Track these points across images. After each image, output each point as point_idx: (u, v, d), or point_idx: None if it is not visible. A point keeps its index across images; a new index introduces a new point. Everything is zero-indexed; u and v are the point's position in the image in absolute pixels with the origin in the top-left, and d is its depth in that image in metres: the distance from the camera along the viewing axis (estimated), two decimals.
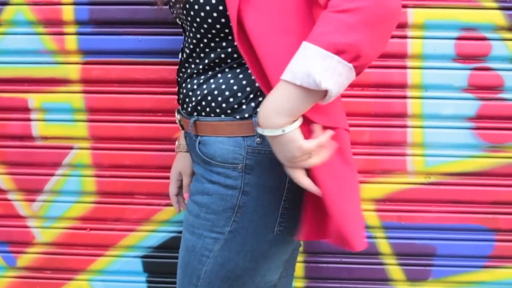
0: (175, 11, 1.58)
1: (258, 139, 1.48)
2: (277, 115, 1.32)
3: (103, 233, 2.47)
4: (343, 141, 1.49)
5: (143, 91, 2.31)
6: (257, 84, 1.47)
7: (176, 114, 1.73)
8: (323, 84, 1.25)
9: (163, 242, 2.45)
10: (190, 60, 1.58)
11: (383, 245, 2.40)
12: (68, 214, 2.46)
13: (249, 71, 1.47)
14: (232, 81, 1.51)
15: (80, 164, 2.40)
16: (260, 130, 1.35)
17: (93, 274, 2.52)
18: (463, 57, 2.23)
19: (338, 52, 1.24)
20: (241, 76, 1.50)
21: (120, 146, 2.37)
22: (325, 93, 1.30)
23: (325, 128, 1.41)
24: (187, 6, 1.48)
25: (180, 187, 1.97)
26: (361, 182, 2.33)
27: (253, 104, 1.50)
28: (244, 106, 1.50)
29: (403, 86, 2.25)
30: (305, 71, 1.25)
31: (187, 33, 1.57)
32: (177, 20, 1.61)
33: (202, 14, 1.44)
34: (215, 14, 1.43)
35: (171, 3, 1.58)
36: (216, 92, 1.52)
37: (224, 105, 1.51)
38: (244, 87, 1.50)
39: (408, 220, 2.36)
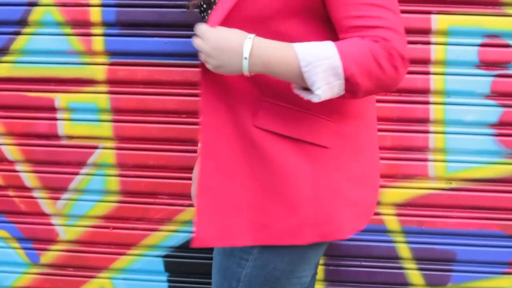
0: (206, 16, 1.60)
1: None
2: (262, 67, 1.37)
3: (125, 232, 2.49)
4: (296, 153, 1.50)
5: (167, 92, 2.34)
6: None
7: None
8: (317, 92, 1.32)
9: (184, 242, 2.48)
10: None
11: (403, 250, 2.40)
12: (91, 213, 2.49)
13: None
14: None
15: (104, 164, 2.43)
16: (245, 57, 1.36)
17: (115, 272, 2.55)
18: (486, 64, 2.23)
19: (346, 78, 1.31)
20: None
21: (144, 146, 2.40)
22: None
23: (285, 137, 1.48)
24: None
25: None
26: (383, 187, 2.34)
27: None
28: None
29: (426, 91, 2.26)
30: (315, 70, 1.31)
31: None
32: None
33: None
34: None
35: (202, 8, 1.60)
36: None
37: None
38: None
39: (428, 225, 2.37)
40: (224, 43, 1.37)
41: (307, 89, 1.37)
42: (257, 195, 1.51)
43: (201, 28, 1.41)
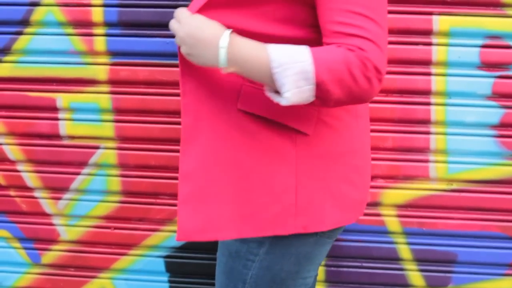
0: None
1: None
2: (235, 65, 1.35)
3: (126, 232, 2.49)
4: (274, 136, 1.48)
5: (169, 92, 2.34)
6: None
7: None
8: (286, 94, 1.30)
9: (185, 243, 2.48)
10: None
11: (404, 251, 2.40)
12: (92, 213, 2.49)
13: None
14: None
15: (105, 164, 2.43)
16: (223, 53, 1.34)
17: (116, 272, 2.55)
18: (487, 65, 2.24)
19: (317, 84, 1.29)
20: None
21: (146, 146, 2.40)
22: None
23: (268, 120, 1.45)
24: None
25: None
26: (384, 188, 2.35)
27: None
28: None
29: (427, 92, 2.26)
30: (285, 72, 1.29)
31: None
32: None
33: None
34: None
35: None
36: None
37: None
38: None
39: (429, 227, 2.37)
40: (200, 33, 1.36)
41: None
42: (241, 183, 1.48)
43: (181, 12, 1.39)
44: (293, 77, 1.29)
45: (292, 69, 1.29)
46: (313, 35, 1.42)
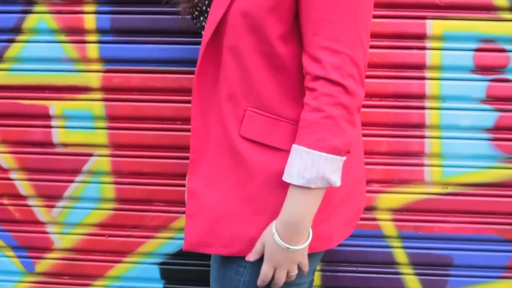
0: (198, 23, 1.60)
1: None
2: (304, 224, 1.41)
3: (121, 239, 2.48)
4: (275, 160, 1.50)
5: (162, 99, 2.33)
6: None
7: None
8: (338, 183, 1.39)
9: (180, 249, 2.47)
10: None
11: (400, 255, 2.40)
12: (87, 221, 2.48)
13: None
14: None
15: (99, 171, 2.42)
16: (284, 246, 1.42)
17: (110, 280, 2.54)
18: (481, 69, 2.24)
19: (339, 153, 1.36)
20: None
21: (139, 153, 2.39)
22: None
23: (268, 147, 1.48)
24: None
25: None
26: (379, 192, 2.34)
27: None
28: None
29: (421, 96, 2.26)
30: (319, 176, 1.36)
31: None
32: (201, 31, 1.63)
33: None
34: None
35: (194, 15, 1.60)
36: None
37: None
38: None
39: (425, 230, 2.37)
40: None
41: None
42: (244, 205, 1.50)
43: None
44: (331, 174, 1.37)
45: (321, 174, 1.36)
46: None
